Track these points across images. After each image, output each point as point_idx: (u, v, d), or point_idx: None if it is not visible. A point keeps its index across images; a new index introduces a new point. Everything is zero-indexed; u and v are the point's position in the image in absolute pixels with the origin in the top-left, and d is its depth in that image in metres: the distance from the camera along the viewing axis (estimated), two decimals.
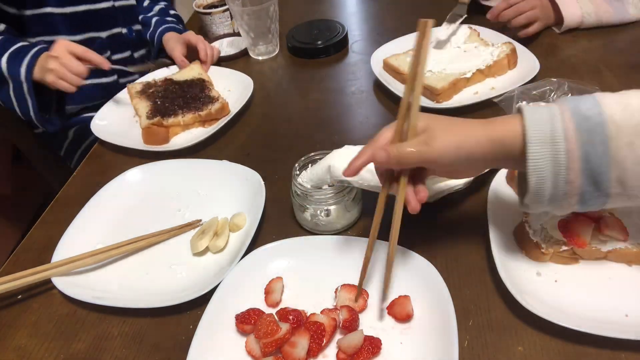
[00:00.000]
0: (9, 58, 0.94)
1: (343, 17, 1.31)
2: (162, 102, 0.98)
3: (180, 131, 0.95)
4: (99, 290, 0.65)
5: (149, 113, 0.95)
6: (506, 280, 0.55)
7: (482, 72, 0.92)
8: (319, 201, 0.66)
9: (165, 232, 0.72)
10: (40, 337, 0.62)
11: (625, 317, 0.52)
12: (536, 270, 0.58)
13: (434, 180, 0.63)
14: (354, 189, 0.67)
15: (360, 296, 0.58)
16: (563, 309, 0.53)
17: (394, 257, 0.57)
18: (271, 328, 0.53)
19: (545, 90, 0.79)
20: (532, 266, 0.59)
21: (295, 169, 0.68)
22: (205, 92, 1.00)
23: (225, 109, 0.96)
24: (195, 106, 0.96)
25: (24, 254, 0.74)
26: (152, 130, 0.91)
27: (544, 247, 0.58)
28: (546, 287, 0.57)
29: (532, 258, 0.59)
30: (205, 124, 0.96)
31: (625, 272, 0.57)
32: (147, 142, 0.91)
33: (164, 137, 0.92)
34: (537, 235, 0.59)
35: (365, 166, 0.54)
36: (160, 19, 1.22)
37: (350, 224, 0.70)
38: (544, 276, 0.58)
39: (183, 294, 0.61)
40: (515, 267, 0.58)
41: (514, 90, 0.80)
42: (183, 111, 0.95)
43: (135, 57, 1.26)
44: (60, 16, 1.09)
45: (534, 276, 0.58)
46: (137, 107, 0.99)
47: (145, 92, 1.03)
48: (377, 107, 0.96)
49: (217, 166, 0.81)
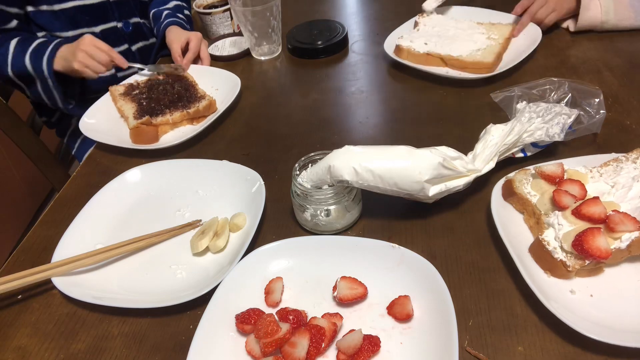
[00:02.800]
0: (31, 57, 1.04)
1: (343, 17, 1.31)
2: (148, 102, 0.99)
3: (169, 129, 0.96)
4: (99, 290, 0.65)
5: (136, 113, 0.96)
6: (553, 308, 0.52)
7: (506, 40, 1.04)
8: (319, 201, 0.66)
9: (165, 232, 0.72)
10: (40, 337, 0.62)
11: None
12: (569, 288, 0.56)
13: (433, 181, 0.63)
14: (354, 189, 0.67)
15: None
16: (609, 324, 0.52)
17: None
18: (271, 328, 0.53)
19: (546, 90, 0.79)
20: (564, 284, 0.57)
21: (296, 169, 0.68)
22: (190, 91, 1.01)
23: (212, 106, 0.98)
24: (182, 104, 0.97)
25: (24, 254, 0.74)
26: (141, 129, 0.91)
27: (570, 265, 0.56)
28: (583, 303, 0.55)
29: (558, 276, 0.57)
30: (194, 122, 0.97)
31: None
32: (136, 141, 0.92)
33: (154, 136, 0.92)
34: (559, 252, 0.57)
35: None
36: (172, 13, 1.23)
37: (350, 224, 0.70)
38: (578, 293, 0.56)
39: (183, 294, 0.61)
40: (549, 289, 0.56)
41: (514, 89, 0.80)
42: (171, 110, 0.96)
43: (132, 51, 1.28)
44: (53, 13, 1.12)
45: (569, 294, 0.56)
46: (123, 108, 0.99)
47: (129, 94, 1.03)
48: (377, 107, 0.96)
49: (217, 166, 0.81)
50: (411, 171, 0.61)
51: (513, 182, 0.66)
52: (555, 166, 0.65)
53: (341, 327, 0.56)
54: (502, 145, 0.69)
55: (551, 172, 0.65)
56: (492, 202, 0.65)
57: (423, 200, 0.67)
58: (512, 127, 0.69)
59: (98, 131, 0.96)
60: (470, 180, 0.66)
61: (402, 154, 0.63)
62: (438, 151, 0.64)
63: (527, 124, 0.70)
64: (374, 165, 0.61)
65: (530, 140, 0.71)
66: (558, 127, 0.70)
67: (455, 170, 0.64)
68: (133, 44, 1.27)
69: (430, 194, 0.63)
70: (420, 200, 0.67)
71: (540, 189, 0.65)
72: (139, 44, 1.29)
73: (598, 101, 0.75)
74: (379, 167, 0.61)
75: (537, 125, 0.70)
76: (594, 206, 0.58)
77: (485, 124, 0.71)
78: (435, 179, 0.62)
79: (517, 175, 0.67)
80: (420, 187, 0.62)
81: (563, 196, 0.61)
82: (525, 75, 0.96)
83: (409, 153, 0.63)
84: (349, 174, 0.62)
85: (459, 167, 0.64)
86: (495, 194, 0.67)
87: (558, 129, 0.70)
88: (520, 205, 0.66)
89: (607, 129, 0.79)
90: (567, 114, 0.72)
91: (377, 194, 0.65)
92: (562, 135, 0.70)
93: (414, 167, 0.61)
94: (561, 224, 0.59)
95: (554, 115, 0.71)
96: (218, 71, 1.09)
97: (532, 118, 0.71)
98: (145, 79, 1.08)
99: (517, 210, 0.66)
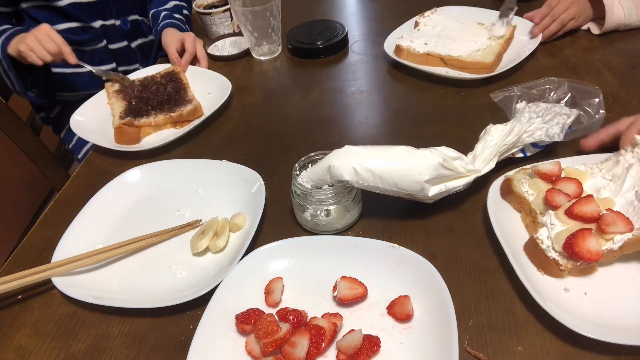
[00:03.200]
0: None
1: (343, 17, 1.31)
2: (137, 102, 0.98)
3: (152, 131, 0.96)
4: (99, 290, 0.65)
5: (122, 113, 0.96)
6: (548, 307, 0.52)
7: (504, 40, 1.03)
8: (319, 201, 0.66)
9: (165, 232, 0.72)
10: (40, 337, 0.62)
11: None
12: (563, 287, 0.56)
13: (433, 181, 0.63)
14: (354, 189, 0.67)
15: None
16: (603, 322, 0.52)
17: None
18: (271, 328, 0.53)
19: (545, 90, 0.79)
20: (558, 283, 0.57)
21: (296, 169, 0.68)
22: (180, 94, 1.00)
23: (198, 111, 0.97)
24: (168, 107, 0.97)
25: (24, 254, 0.74)
26: (123, 130, 0.92)
27: (562, 264, 0.56)
28: (577, 301, 0.55)
29: (551, 275, 0.57)
30: (177, 125, 0.96)
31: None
32: (118, 141, 0.92)
33: (135, 137, 0.93)
34: (552, 251, 0.57)
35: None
36: (169, 14, 1.23)
37: (351, 224, 0.70)
38: (572, 291, 0.56)
39: (183, 294, 0.61)
40: (543, 287, 0.56)
41: (514, 89, 0.80)
42: (155, 112, 0.96)
43: (132, 48, 1.28)
44: (49, 8, 1.14)
45: (563, 293, 0.56)
46: (112, 106, 1.00)
47: (123, 92, 1.03)
48: (377, 107, 0.96)
49: (218, 166, 0.81)
50: (411, 171, 0.61)
51: (512, 181, 0.66)
52: (552, 165, 0.65)
53: (341, 327, 0.56)
54: (502, 146, 0.69)
55: (547, 171, 0.64)
56: (489, 201, 0.65)
57: (423, 201, 0.67)
58: (511, 127, 0.69)
59: (86, 129, 0.96)
60: (470, 181, 0.66)
61: (402, 154, 0.63)
62: (438, 151, 0.64)
63: (527, 124, 0.70)
64: (374, 166, 0.61)
65: (530, 141, 0.71)
66: (558, 127, 0.70)
67: (455, 171, 0.64)
68: (132, 41, 1.28)
69: (430, 194, 0.63)
70: (420, 200, 0.67)
71: (538, 187, 0.65)
72: (138, 41, 1.30)
73: (598, 101, 0.75)
74: (379, 167, 0.61)
75: (537, 125, 0.70)
76: (587, 205, 0.58)
77: (485, 124, 0.71)
78: (435, 179, 0.62)
79: (516, 175, 0.67)
80: (420, 188, 0.62)
81: (556, 195, 0.61)
82: (525, 75, 0.96)
83: (409, 153, 0.63)
84: (349, 174, 0.62)
85: (459, 168, 0.64)
86: (492, 193, 0.67)
87: (558, 129, 0.70)
88: (518, 204, 0.66)
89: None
90: (567, 114, 0.72)
91: (377, 194, 0.65)
92: (562, 135, 0.70)
93: (414, 167, 0.61)
94: (554, 223, 0.59)
95: (554, 115, 0.71)
96: (213, 75, 1.07)
97: (532, 118, 0.71)
98: (142, 77, 1.08)
99: (515, 209, 0.67)
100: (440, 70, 0.98)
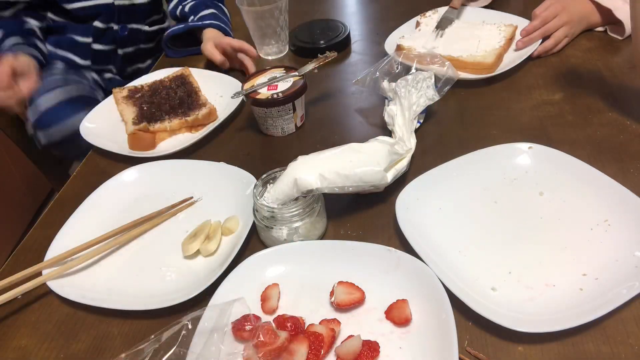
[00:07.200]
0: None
1: (343, 17, 1.30)
2: (149, 107, 0.97)
3: (167, 137, 0.93)
4: (93, 291, 0.65)
5: (135, 119, 0.94)
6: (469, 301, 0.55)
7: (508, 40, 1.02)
8: (291, 218, 0.64)
9: (156, 215, 0.74)
10: (40, 337, 0.62)
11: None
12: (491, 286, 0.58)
13: (387, 168, 0.67)
14: (319, 196, 0.67)
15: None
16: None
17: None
18: (269, 337, 0.52)
19: (392, 66, 0.88)
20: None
21: (255, 194, 0.66)
22: (192, 98, 0.98)
23: (212, 114, 0.95)
24: (182, 111, 0.95)
25: (24, 254, 0.74)
26: (138, 135, 0.89)
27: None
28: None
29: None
30: (192, 129, 0.94)
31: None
32: (133, 147, 0.90)
33: (151, 142, 0.91)
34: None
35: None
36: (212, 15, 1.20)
37: (324, 232, 0.70)
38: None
39: (172, 296, 0.61)
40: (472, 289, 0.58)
41: (373, 72, 0.88)
42: (170, 117, 0.94)
43: (118, 53, 1.29)
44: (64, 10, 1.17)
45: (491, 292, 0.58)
46: (123, 112, 0.98)
47: (132, 97, 1.01)
48: (377, 107, 0.95)
49: (213, 168, 0.81)
50: (371, 163, 0.66)
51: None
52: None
53: (339, 332, 0.56)
54: (408, 121, 0.76)
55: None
56: (398, 218, 0.65)
57: (379, 190, 0.71)
58: (401, 104, 0.77)
59: (98, 136, 0.94)
60: (409, 160, 0.73)
61: (356, 149, 0.68)
62: (381, 140, 0.71)
63: (410, 97, 0.77)
64: (338, 167, 0.64)
65: (420, 110, 0.79)
66: (430, 89, 0.79)
67: (399, 154, 0.71)
68: (122, 47, 1.28)
69: (389, 179, 0.68)
70: (377, 190, 0.71)
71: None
72: (127, 48, 1.30)
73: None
74: (343, 167, 0.64)
75: (417, 95, 0.78)
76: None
77: (485, 124, 0.71)
78: (389, 165, 0.68)
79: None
80: (381, 176, 0.66)
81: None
82: (525, 75, 0.96)
83: (361, 148, 0.68)
84: (316, 182, 0.63)
85: (400, 150, 0.71)
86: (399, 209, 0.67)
87: (431, 91, 0.79)
88: None
89: (607, 129, 0.79)
90: (428, 76, 0.80)
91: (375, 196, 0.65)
92: (436, 94, 0.79)
93: (371, 159, 0.66)
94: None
95: (420, 81, 0.79)
96: (223, 77, 1.06)
97: (410, 92, 0.78)
98: (150, 82, 1.07)
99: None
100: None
